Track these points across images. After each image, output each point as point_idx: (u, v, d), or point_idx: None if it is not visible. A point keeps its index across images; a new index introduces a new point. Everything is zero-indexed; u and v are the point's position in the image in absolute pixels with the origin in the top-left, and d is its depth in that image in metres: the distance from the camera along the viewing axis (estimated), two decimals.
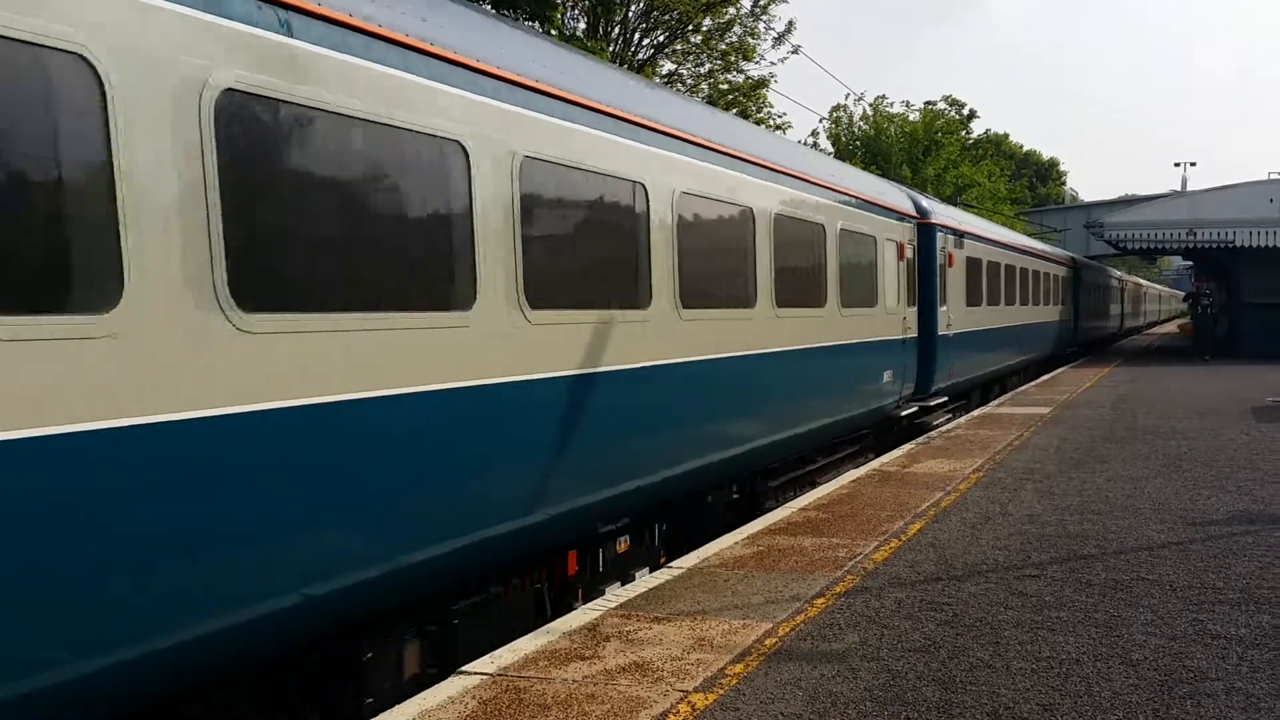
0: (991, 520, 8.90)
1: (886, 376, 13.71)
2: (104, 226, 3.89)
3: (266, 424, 4.55)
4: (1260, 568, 7.24)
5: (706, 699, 4.96)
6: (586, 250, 7.18)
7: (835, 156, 34.64)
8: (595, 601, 6.69)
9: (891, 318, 13.86)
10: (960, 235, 17.46)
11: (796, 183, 10.65)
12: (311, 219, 4.91)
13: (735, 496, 10.10)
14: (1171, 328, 71.60)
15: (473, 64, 5.93)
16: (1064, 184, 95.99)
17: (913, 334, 14.91)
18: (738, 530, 8.77)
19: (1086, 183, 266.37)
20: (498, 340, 6.00)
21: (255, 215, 4.59)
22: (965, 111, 58.27)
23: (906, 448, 13.70)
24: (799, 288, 10.54)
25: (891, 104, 47.39)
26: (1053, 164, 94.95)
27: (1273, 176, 35.65)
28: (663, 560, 8.50)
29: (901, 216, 14.67)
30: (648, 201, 7.72)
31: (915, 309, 15.10)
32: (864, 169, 20.30)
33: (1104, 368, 29.21)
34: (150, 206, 4.06)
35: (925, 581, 7.00)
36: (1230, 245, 31.02)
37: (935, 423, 16.40)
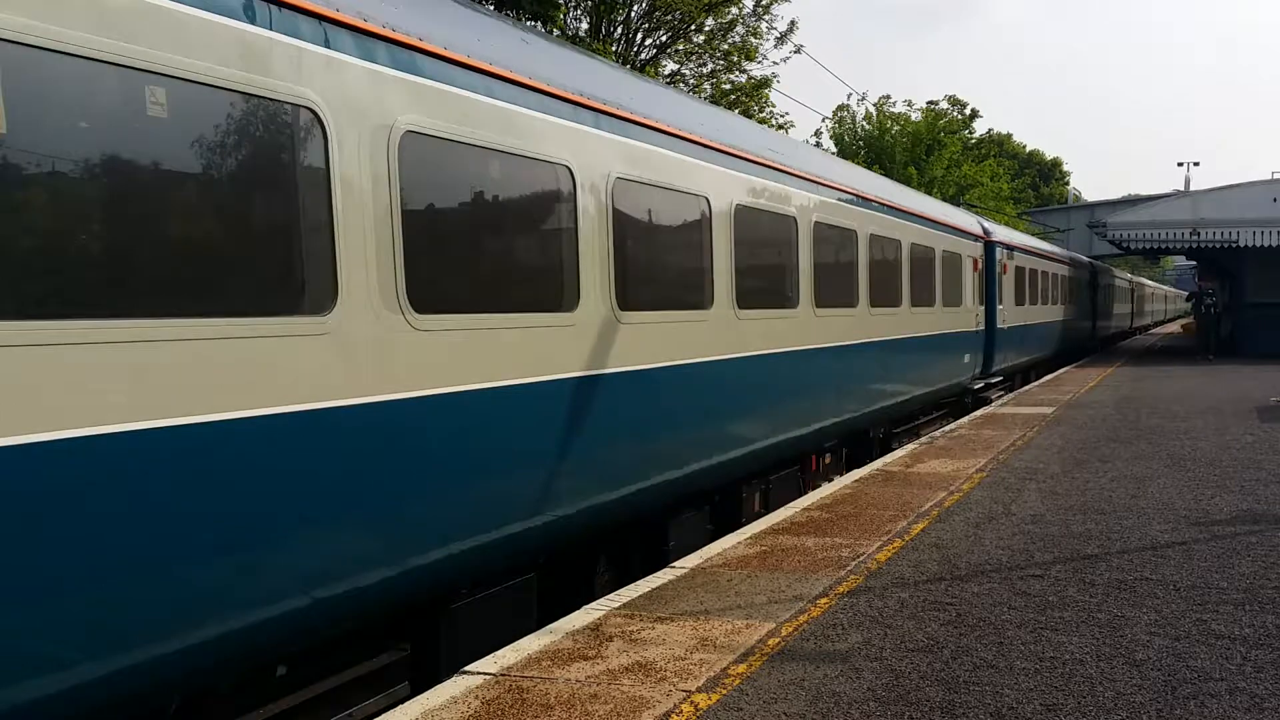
0: (995, 520, 8.90)
1: (967, 358, 18.46)
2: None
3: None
4: (1264, 568, 7.23)
5: (709, 699, 4.96)
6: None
7: (838, 156, 34.59)
8: (598, 601, 6.69)
9: (970, 314, 18.49)
10: (1011, 249, 22.21)
11: (906, 216, 14.82)
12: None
13: (881, 435, 14.62)
14: (1175, 327, 71.49)
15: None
16: (1067, 184, 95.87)
17: (981, 327, 19.52)
18: (740, 530, 8.77)
19: (1090, 183, 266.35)
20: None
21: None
22: (968, 111, 58.29)
23: (910, 447, 13.70)
24: (922, 289, 15.31)
25: (894, 104, 47.35)
26: (1056, 164, 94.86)
27: (1276, 176, 35.65)
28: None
29: (975, 237, 19.32)
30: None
31: (984, 307, 19.71)
32: (866, 168, 20.78)
33: (1108, 367, 29.18)
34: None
35: (928, 581, 7.00)
36: (1234, 245, 30.97)
37: (991, 397, 20.65)
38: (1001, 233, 22.63)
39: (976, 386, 19.72)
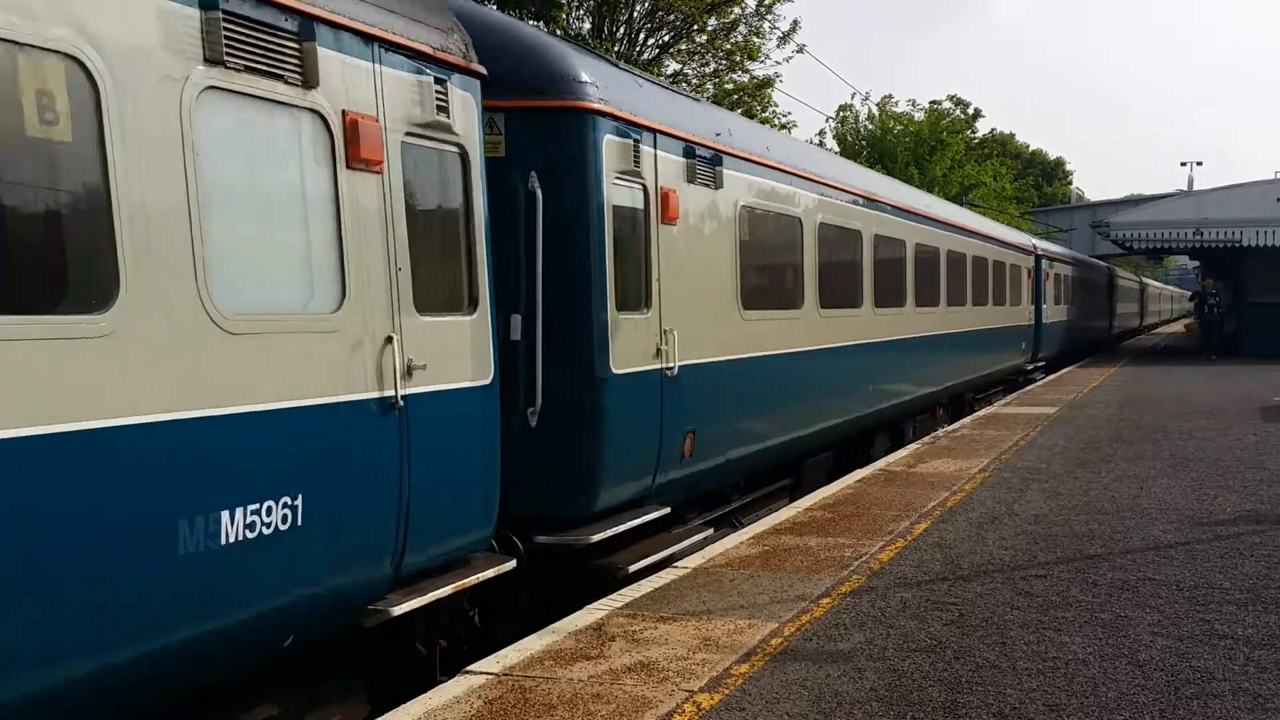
0: (998, 520, 8.89)
1: (1022, 345, 23.99)
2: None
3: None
4: (1267, 568, 7.22)
5: (712, 699, 4.96)
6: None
7: (841, 155, 34.58)
8: (600, 601, 6.69)
9: (1024, 312, 23.91)
10: (1051, 259, 28.02)
11: (991, 241, 20.67)
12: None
13: (971, 399, 20.33)
14: (1177, 327, 71.39)
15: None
16: (1070, 183, 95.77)
17: (1031, 322, 24.79)
18: (742, 530, 8.77)
19: (1093, 182, 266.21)
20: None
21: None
22: (970, 111, 58.28)
23: (912, 447, 13.69)
24: (998, 292, 20.83)
25: (897, 103, 47.29)
26: (1059, 163, 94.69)
27: (1279, 176, 35.55)
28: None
29: (1027, 251, 24.74)
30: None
31: (1033, 306, 24.98)
32: (869, 168, 21.03)
33: (1110, 367, 29.16)
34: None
35: (931, 581, 6.99)
36: (1237, 245, 30.94)
37: (1035, 378, 26.02)
38: (1044, 246, 28.41)
39: (1029, 368, 25.64)
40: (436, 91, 5.53)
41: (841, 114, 46.36)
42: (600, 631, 6.03)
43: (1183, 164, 67.63)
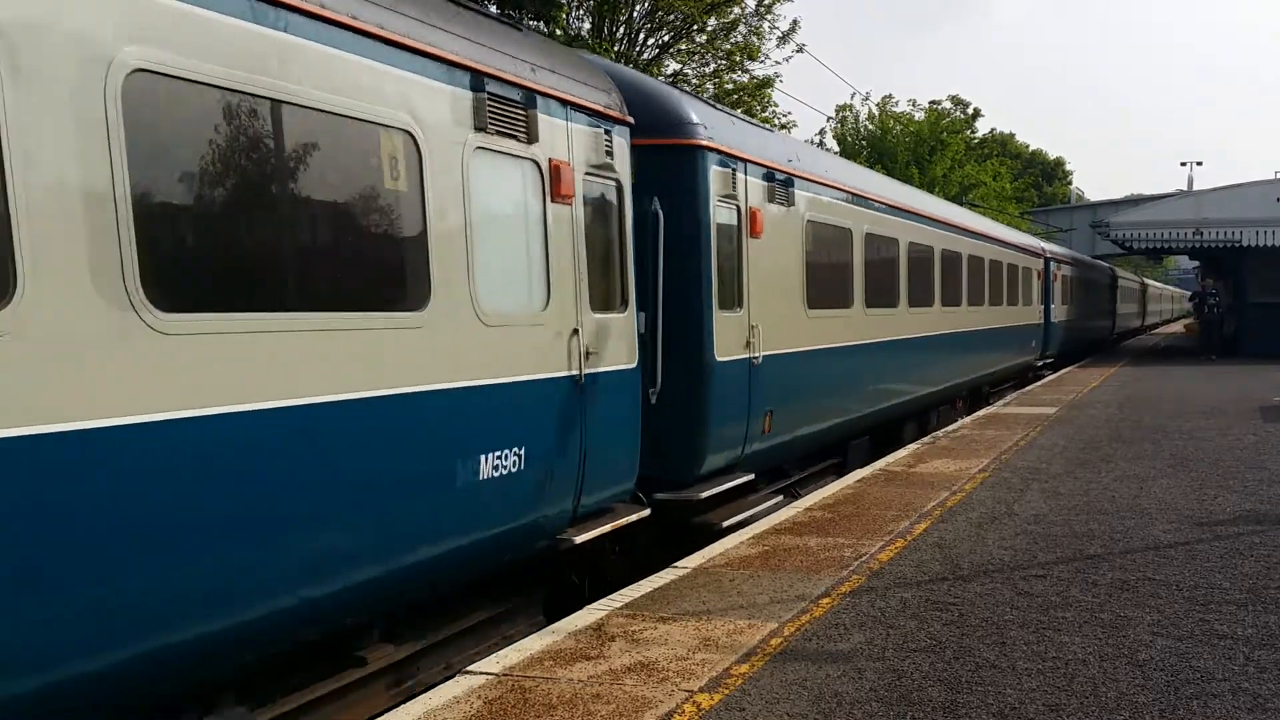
0: (997, 520, 8.89)
1: (1033, 343, 25.48)
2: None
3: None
4: (1267, 568, 7.22)
5: (712, 699, 4.96)
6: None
7: (840, 155, 34.58)
8: (600, 601, 6.70)
9: (1035, 311, 25.49)
10: (1059, 262, 29.39)
11: (1005, 246, 22.19)
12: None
13: (987, 391, 21.77)
14: (1177, 327, 71.39)
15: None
16: (1070, 183, 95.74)
17: (1041, 321, 26.26)
18: (742, 530, 8.77)
19: (1092, 182, 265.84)
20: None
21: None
22: (970, 111, 58.21)
23: (912, 447, 13.69)
24: (1012, 293, 22.40)
25: (897, 103, 47.26)
26: (1059, 163, 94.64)
27: (1279, 176, 35.53)
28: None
29: (1036, 255, 26.31)
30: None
31: (1043, 306, 26.50)
32: (869, 168, 21.20)
33: (1110, 367, 29.16)
34: None
35: (931, 581, 6.99)
36: (1237, 245, 30.92)
37: (1045, 374, 27.55)
38: (1052, 249, 29.71)
39: (1039, 364, 27.35)
40: (604, 139, 7.21)
41: (841, 114, 46.37)
42: (600, 631, 6.03)
43: (1183, 164, 67.67)
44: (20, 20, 3.58)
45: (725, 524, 8.74)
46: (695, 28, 27.50)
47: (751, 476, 9.59)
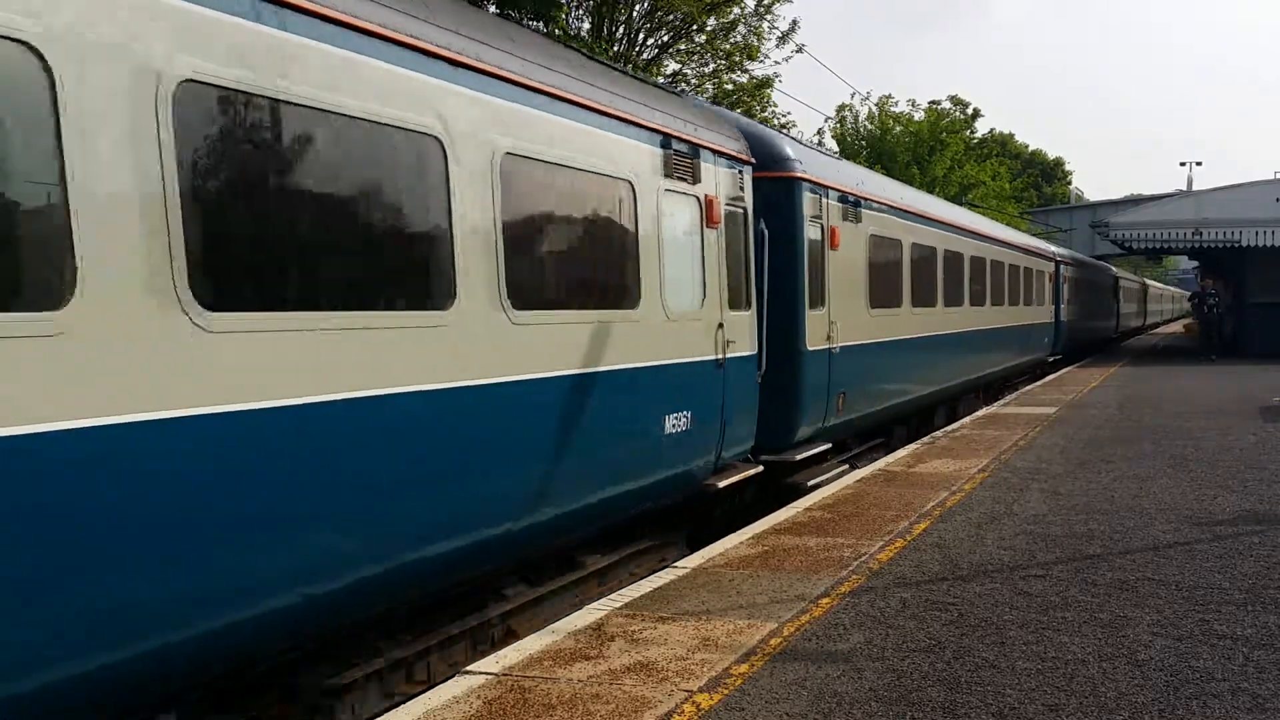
0: (997, 520, 8.89)
1: (1045, 340, 27.53)
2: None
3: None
4: (1267, 568, 7.22)
5: (711, 699, 4.96)
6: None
7: (841, 155, 34.57)
8: (600, 601, 6.70)
9: (1046, 311, 27.60)
10: (1068, 264, 31.42)
11: (1021, 251, 24.33)
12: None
13: (1003, 385, 23.57)
14: (1177, 327, 71.38)
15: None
16: (1069, 183, 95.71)
17: (1051, 320, 28.36)
18: (742, 530, 8.77)
19: (1092, 183, 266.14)
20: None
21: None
22: (969, 111, 58.19)
23: (912, 447, 13.69)
24: (1027, 294, 24.40)
25: (896, 103, 47.23)
26: (1058, 163, 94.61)
27: (1279, 176, 35.52)
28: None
29: (1048, 259, 28.34)
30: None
31: (1053, 306, 28.70)
32: (869, 168, 21.28)
33: (1110, 367, 29.16)
34: None
35: (930, 581, 6.99)
36: (1236, 245, 30.89)
37: (1054, 368, 29.13)
38: (1061, 252, 31.75)
39: (1050, 360, 29.27)
40: (738, 176, 9.48)
41: (841, 114, 46.35)
42: (599, 631, 6.03)
43: (1182, 164, 67.57)
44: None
45: (810, 483, 10.72)
46: (695, 28, 27.49)
47: (829, 446, 11.57)
